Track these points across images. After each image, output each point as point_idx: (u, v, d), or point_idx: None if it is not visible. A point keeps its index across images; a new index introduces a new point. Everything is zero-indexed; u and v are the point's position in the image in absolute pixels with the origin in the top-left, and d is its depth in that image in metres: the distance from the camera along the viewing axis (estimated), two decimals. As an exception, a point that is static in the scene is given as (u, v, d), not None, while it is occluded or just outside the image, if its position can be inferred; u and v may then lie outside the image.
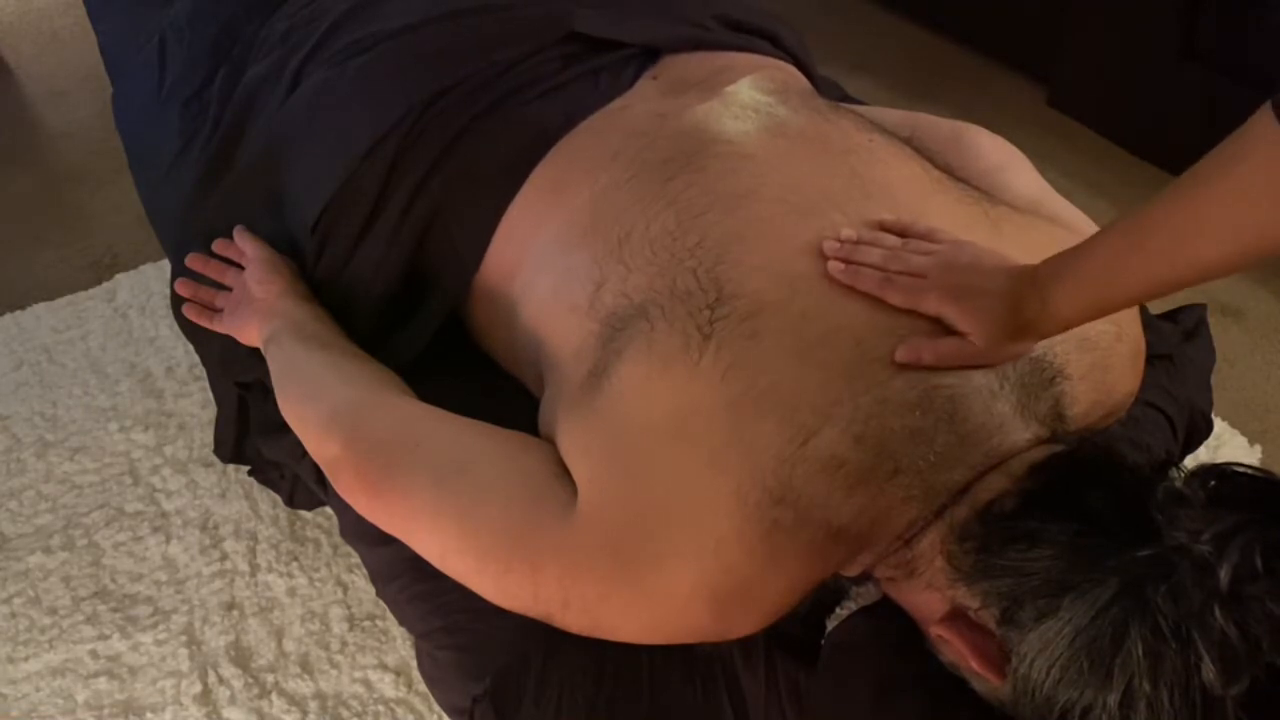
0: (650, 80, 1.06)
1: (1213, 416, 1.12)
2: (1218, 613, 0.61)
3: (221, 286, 1.12)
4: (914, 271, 0.80)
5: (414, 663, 1.09)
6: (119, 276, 1.83)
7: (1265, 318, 1.67)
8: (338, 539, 1.35)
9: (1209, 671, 0.60)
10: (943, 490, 0.76)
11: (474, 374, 1.05)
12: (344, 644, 1.27)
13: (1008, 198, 0.96)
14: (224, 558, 1.38)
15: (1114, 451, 0.73)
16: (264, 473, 1.26)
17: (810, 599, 0.80)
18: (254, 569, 1.36)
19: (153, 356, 1.67)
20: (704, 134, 0.93)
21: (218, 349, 1.14)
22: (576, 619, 0.79)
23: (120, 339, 1.70)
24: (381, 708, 1.21)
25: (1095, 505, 0.68)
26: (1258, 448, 1.45)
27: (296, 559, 1.36)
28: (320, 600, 1.32)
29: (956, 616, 0.73)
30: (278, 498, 1.34)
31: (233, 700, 1.23)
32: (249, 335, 1.06)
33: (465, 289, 1.02)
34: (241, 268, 1.11)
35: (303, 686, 1.24)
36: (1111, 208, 1.81)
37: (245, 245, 1.11)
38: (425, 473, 0.85)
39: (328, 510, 1.31)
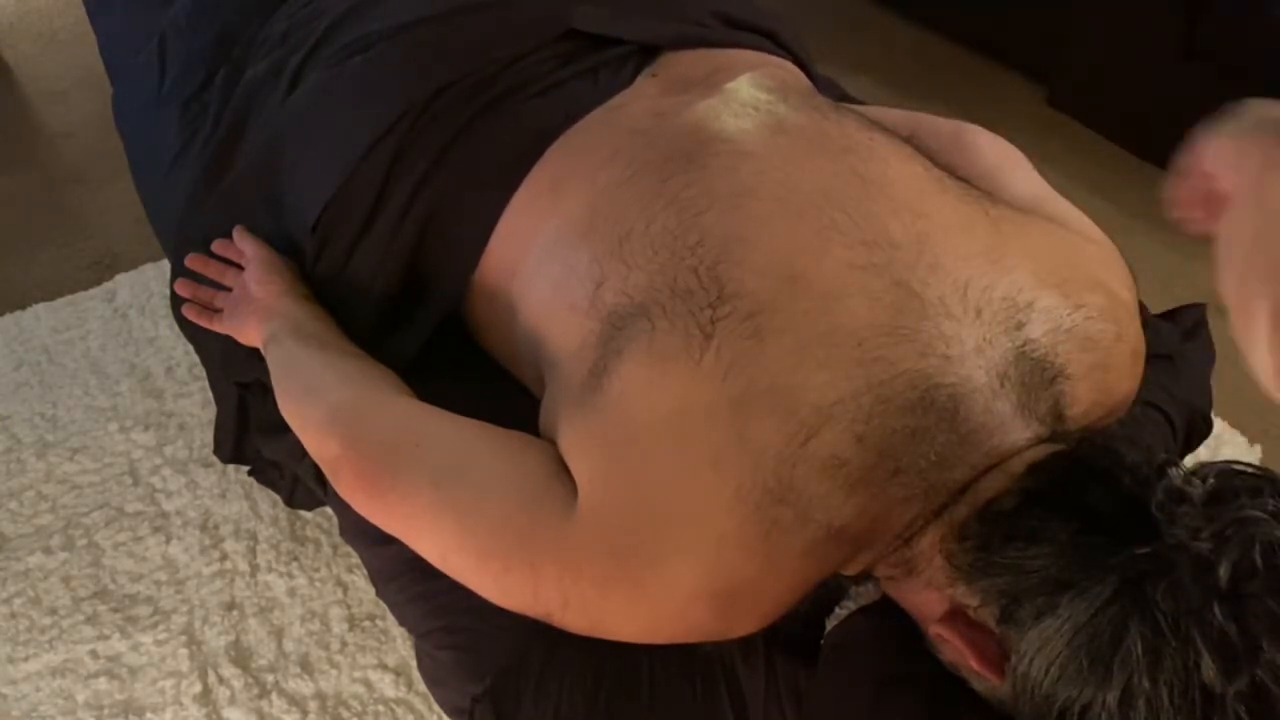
0: (649, 78, 1.05)
1: (1213, 416, 1.12)
2: (1217, 610, 0.61)
3: (221, 286, 1.12)
4: None
5: (414, 663, 1.09)
6: (119, 276, 1.83)
7: (1265, 317, 1.66)
8: (338, 539, 1.35)
9: (1208, 669, 0.60)
10: (943, 489, 0.75)
11: (474, 374, 1.05)
12: (344, 644, 1.27)
13: (1008, 197, 0.95)
14: (224, 558, 1.38)
15: (1114, 450, 0.72)
16: (264, 473, 1.26)
17: (810, 599, 0.80)
18: (254, 569, 1.36)
19: (153, 356, 1.67)
20: (703, 132, 0.93)
21: (218, 349, 1.14)
22: (576, 619, 0.79)
23: (120, 339, 1.70)
24: (381, 708, 1.21)
25: (1095, 504, 0.68)
26: (1258, 447, 1.45)
27: (296, 559, 1.36)
28: (320, 600, 1.32)
29: (956, 615, 0.73)
30: (278, 498, 1.33)
31: (233, 700, 1.23)
32: (248, 335, 1.06)
33: (465, 288, 1.02)
34: (241, 268, 1.11)
35: (303, 686, 1.24)
36: (1111, 207, 1.81)
37: (245, 245, 1.11)
38: (425, 472, 0.85)
39: (328, 510, 1.31)
